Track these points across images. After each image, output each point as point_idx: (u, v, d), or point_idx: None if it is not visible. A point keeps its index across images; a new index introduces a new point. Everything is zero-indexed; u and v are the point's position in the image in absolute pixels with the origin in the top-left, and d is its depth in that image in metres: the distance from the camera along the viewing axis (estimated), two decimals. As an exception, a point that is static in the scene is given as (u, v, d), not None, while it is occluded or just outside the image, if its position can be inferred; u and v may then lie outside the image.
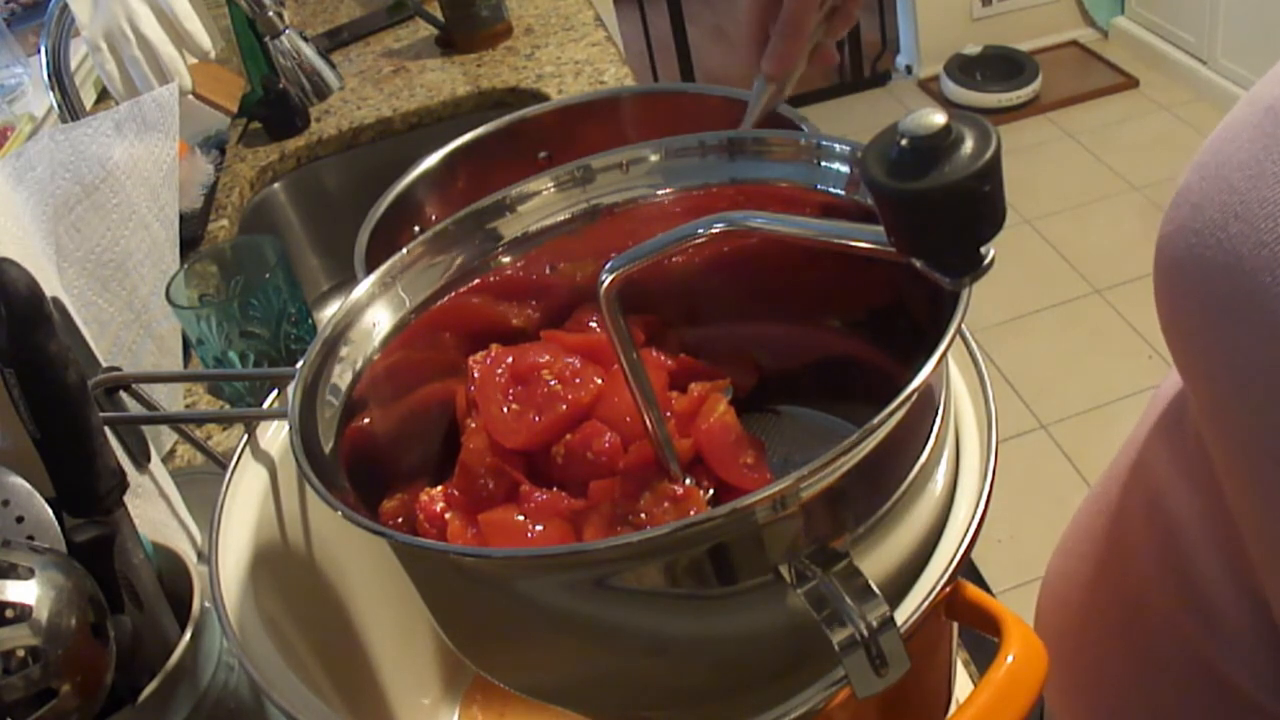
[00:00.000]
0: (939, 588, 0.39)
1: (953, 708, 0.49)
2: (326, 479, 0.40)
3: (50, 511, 0.47)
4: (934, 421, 0.42)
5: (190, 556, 0.55)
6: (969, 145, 0.30)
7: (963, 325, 0.37)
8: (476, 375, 0.49)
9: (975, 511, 0.43)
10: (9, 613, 0.41)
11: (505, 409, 0.46)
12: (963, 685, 0.58)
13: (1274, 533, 0.35)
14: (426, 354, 0.50)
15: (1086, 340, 2.17)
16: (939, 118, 0.30)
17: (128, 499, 0.49)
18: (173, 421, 0.71)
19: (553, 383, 0.48)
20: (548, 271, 0.53)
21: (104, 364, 0.65)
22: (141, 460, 0.63)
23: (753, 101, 0.65)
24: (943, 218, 0.31)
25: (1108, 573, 0.49)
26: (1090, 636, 0.51)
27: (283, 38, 1.06)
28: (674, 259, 0.41)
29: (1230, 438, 0.35)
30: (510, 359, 0.49)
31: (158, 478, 0.65)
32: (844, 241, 0.37)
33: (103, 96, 1.44)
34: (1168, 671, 0.45)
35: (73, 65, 1.08)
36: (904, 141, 0.30)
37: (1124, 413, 1.98)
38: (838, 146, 0.47)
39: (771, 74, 0.62)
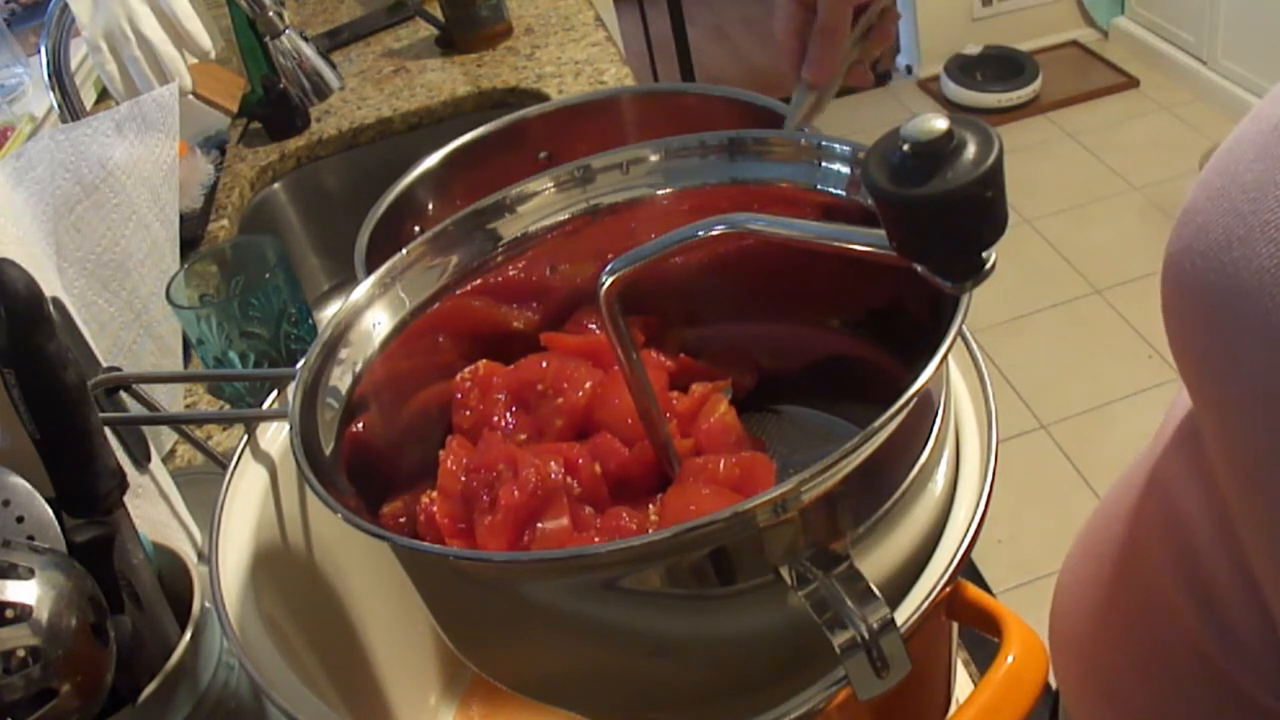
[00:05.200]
0: (939, 588, 0.39)
1: (953, 708, 0.49)
2: (326, 480, 0.40)
3: (50, 511, 0.47)
4: (934, 422, 0.42)
5: (190, 556, 0.55)
6: (971, 151, 0.30)
7: (963, 326, 0.38)
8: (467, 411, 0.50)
9: (975, 511, 0.43)
10: (9, 613, 0.41)
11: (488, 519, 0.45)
12: (963, 685, 0.58)
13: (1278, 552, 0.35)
14: (427, 355, 0.50)
15: (1086, 340, 2.17)
16: (941, 123, 0.30)
17: (128, 499, 0.49)
18: (173, 422, 0.71)
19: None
20: (548, 273, 0.53)
21: (104, 364, 0.65)
22: (141, 460, 0.63)
23: (792, 110, 0.65)
24: (945, 224, 0.31)
25: (1122, 579, 0.49)
26: (1106, 642, 0.51)
27: (283, 38, 1.06)
28: (674, 260, 0.41)
29: (1236, 459, 0.35)
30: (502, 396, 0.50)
31: (158, 478, 0.65)
32: (845, 245, 0.37)
33: (103, 96, 1.44)
34: (1182, 677, 0.45)
35: (73, 65, 1.08)
36: (906, 147, 0.30)
37: (1124, 413, 1.98)
38: (838, 147, 0.47)
39: (812, 81, 0.62)
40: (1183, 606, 0.43)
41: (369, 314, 0.48)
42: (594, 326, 0.52)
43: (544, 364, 0.50)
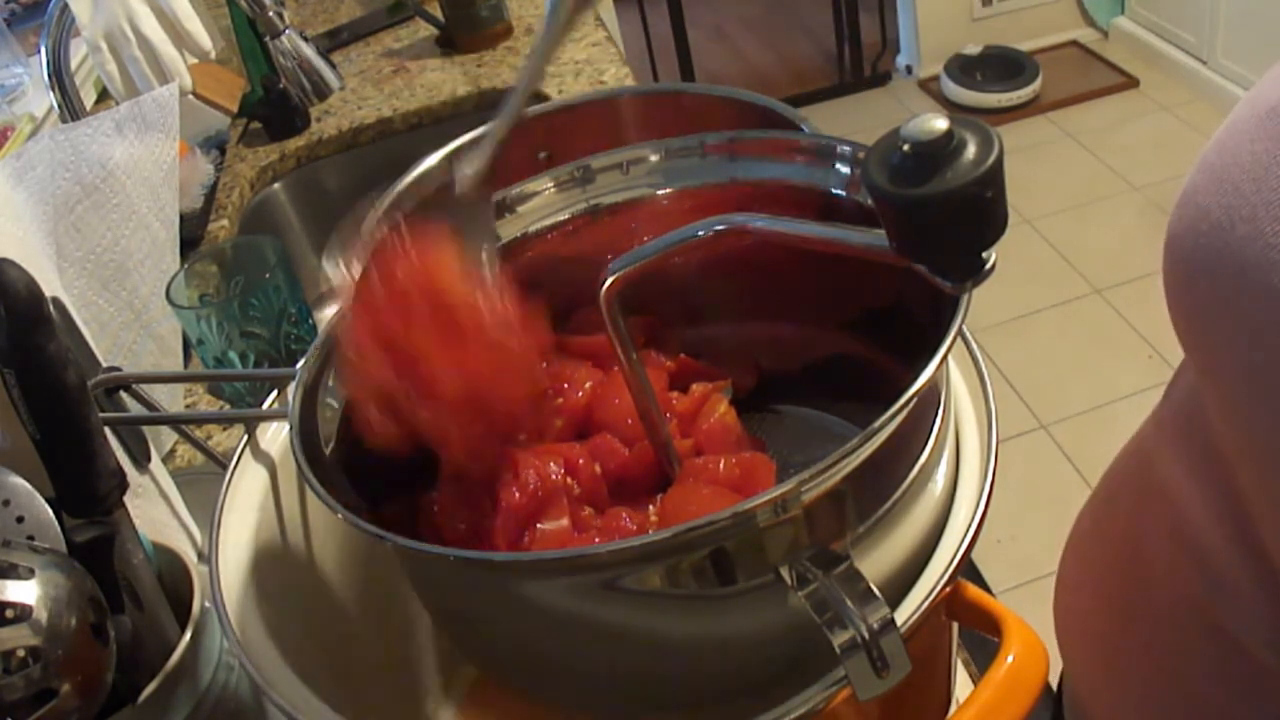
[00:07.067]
0: (939, 588, 0.39)
1: (953, 708, 0.49)
2: (326, 481, 0.40)
3: (50, 511, 0.47)
4: (934, 422, 0.42)
5: (190, 556, 0.55)
6: (971, 151, 0.30)
7: (963, 326, 0.38)
8: None
9: (975, 511, 0.43)
10: (9, 613, 0.41)
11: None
12: (963, 685, 0.58)
13: None
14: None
15: (1086, 340, 2.17)
16: (941, 123, 0.30)
17: (128, 499, 0.49)
18: (173, 421, 0.71)
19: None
20: (547, 273, 0.53)
21: (104, 364, 0.65)
22: (141, 460, 0.63)
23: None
24: (945, 224, 0.31)
25: (1123, 551, 0.50)
26: (1108, 613, 0.52)
27: (283, 38, 1.06)
28: (674, 260, 0.41)
29: (1247, 435, 0.36)
30: None
31: (158, 478, 0.65)
32: (845, 245, 0.37)
33: (103, 96, 1.44)
34: (1181, 639, 0.45)
35: (73, 65, 1.08)
36: (906, 147, 0.30)
37: (1124, 413, 1.97)
38: (838, 147, 0.47)
39: None
40: (1180, 571, 0.44)
41: (369, 314, 0.48)
42: (594, 326, 0.52)
43: (543, 364, 0.50)
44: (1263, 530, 0.38)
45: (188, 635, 0.50)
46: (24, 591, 0.42)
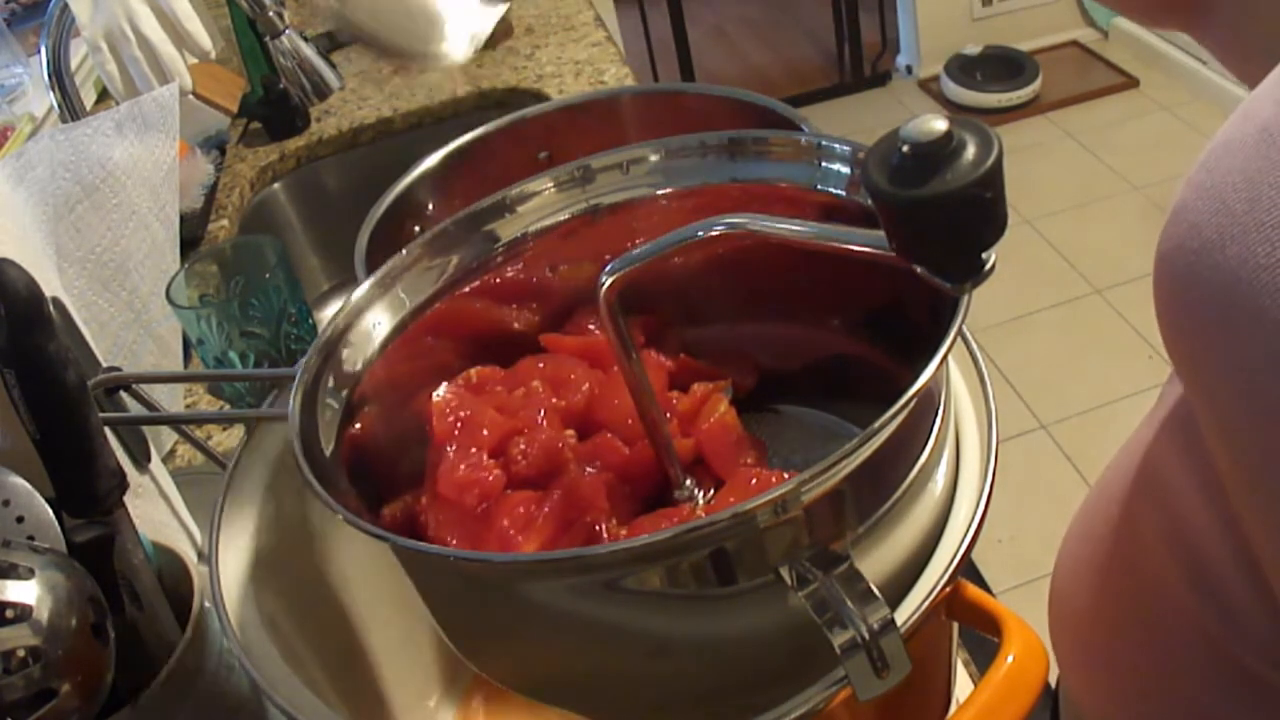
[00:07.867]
0: (939, 588, 0.39)
1: (953, 708, 0.49)
2: (326, 481, 0.40)
3: (50, 511, 0.47)
4: (934, 422, 0.42)
5: (190, 556, 0.55)
6: (971, 152, 0.30)
7: (963, 326, 0.38)
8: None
9: (975, 511, 0.43)
10: (9, 613, 0.41)
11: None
12: (963, 685, 0.58)
13: None
14: (427, 356, 0.50)
15: (1086, 340, 2.17)
16: (940, 124, 0.30)
17: (128, 499, 0.49)
18: (173, 421, 0.71)
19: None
20: (548, 273, 0.53)
21: (104, 364, 0.65)
22: (141, 460, 0.63)
23: None
24: (944, 225, 0.31)
25: (1117, 557, 0.50)
26: (1104, 619, 0.51)
27: (283, 38, 1.05)
28: (674, 260, 0.41)
29: (1242, 453, 0.35)
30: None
31: (158, 478, 0.65)
32: (845, 245, 0.37)
33: (103, 96, 1.44)
34: (1179, 648, 0.45)
35: (73, 65, 1.08)
36: (905, 148, 0.30)
37: (1124, 413, 1.97)
38: (838, 147, 0.47)
39: None
40: (1176, 580, 0.44)
41: (369, 314, 0.48)
42: (594, 327, 0.52)
43: (541, 365, 0.50)
44: (1254, 543, 0.38)
45: (188, 635, 0.50)
46: (24, 591, 0.42)
